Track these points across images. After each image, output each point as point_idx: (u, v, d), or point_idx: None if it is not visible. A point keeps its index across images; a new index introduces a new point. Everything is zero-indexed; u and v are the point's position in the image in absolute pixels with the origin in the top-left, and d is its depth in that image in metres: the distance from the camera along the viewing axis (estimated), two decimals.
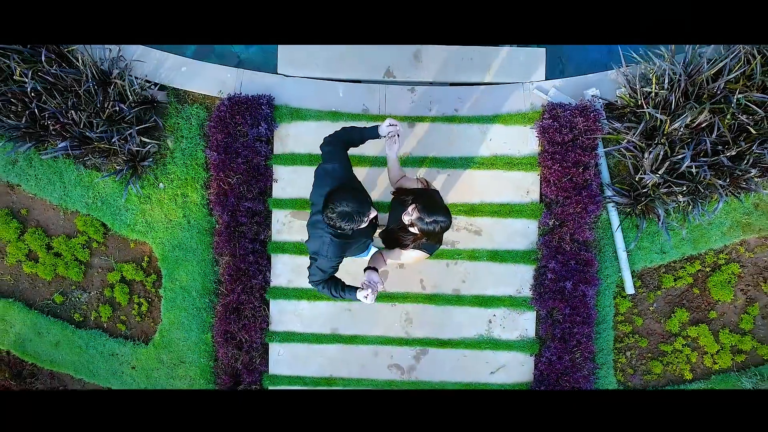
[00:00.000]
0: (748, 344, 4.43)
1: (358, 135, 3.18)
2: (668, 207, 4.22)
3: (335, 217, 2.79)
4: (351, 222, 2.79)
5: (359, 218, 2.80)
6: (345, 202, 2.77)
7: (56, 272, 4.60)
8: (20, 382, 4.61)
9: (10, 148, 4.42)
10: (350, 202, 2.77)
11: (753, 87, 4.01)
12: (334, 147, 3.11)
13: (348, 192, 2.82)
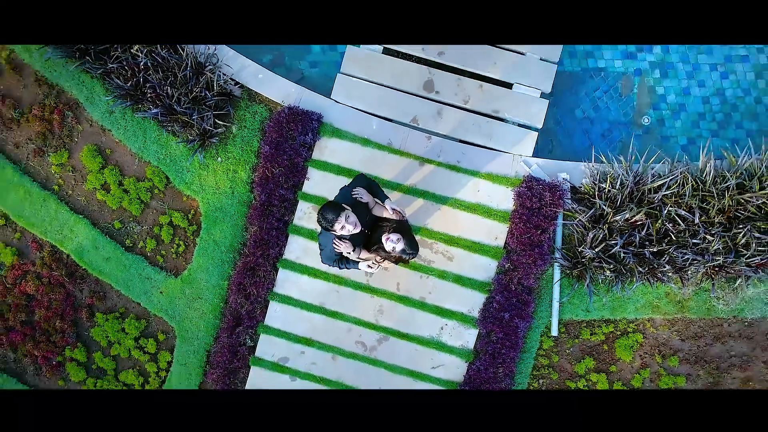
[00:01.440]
0: None
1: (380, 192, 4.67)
2: (597, 277, 5.44)
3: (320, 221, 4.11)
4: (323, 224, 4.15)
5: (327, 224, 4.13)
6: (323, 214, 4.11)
7: (121, 204, 5.83)
8: (71, 281, 5.84)
9: (112, 102, 5.66)
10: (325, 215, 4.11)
11: (682, 204, 5.23)
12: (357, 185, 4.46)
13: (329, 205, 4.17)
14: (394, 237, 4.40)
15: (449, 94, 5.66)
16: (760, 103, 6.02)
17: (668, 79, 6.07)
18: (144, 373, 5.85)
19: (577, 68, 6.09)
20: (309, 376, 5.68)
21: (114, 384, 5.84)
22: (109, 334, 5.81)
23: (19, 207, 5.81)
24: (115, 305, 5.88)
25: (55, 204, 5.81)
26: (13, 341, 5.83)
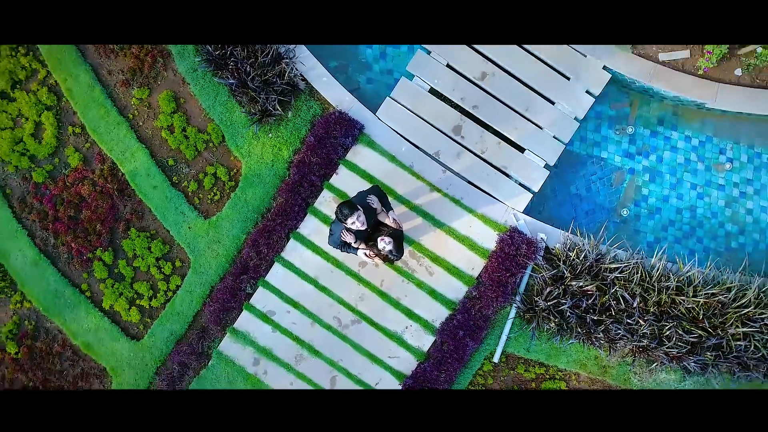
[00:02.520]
0: None
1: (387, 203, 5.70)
2: (544, 326, 6.49)
3: (336, 213, 5.16)
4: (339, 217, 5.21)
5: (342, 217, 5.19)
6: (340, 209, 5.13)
7: (179, 147, 6.89)
8: (119, 196, 6.90)
9: (198, 64, 6.73)
10: (338, 214, 5.15)
11: (628, 289, 6.28)
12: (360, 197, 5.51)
13: (347, 203, 5.18)
14: (387, 240, 5.47)
15: (471, 141, 6.72)
16: (722, 227, 7.08)
17: (654, 185, 7.13)
18: (155, 288, 6.91)
19: (582, 152, 7.15)
20: (287, 333, 6.74)
21: (128, 291, 6.89)
22: (136, 248, 6.87)
23: (96, 123, 6.88)
24: (148, 226, 6.94)
25: (126, 129, 6.88)
26: (57, 230, 6.89)
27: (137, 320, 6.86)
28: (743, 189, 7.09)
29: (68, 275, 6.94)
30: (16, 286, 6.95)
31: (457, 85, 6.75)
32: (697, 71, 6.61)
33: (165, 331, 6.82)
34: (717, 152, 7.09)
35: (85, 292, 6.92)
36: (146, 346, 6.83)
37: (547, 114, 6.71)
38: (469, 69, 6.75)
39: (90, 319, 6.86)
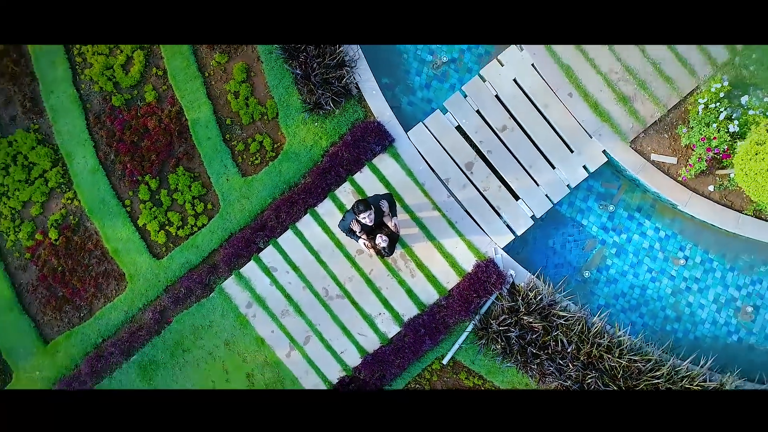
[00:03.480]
0: None
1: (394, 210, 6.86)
2: (491, 345, 7.68)
3: (353, 206, 6.38)
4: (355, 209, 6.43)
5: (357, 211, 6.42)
6: (357, 204, 6.34)
7: (238, 111, 8.09)
8: (178, 136, 8.09)
9: (274, 48, 7.94)
10: (353, 207, 6.36)
11: (567, 335, 7.47)
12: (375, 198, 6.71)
13: (362, 202, 6.38)
14: (384, 238, 6.68)
15: (478, 178, 7.93)
16: (663, 311, 8.27)
17: (618, 259, 8.32)
18: (184, 220, 8.11)
19: (567, 214, 8.35)
20: (281, 289, 7.94)
21: (162, 216, 8.09)
22: (179, 183, 8.08)
23: (176, 71, 8.09)
24: (194, 169, 8.15)
25: (200, 84, 8.09)
26: (119, 149, 8.11)
27: (162, 242, 8.07)
28: (690, 284, 8.27)
29: (116, 189, 8.15)
30: (72, 186, 8.16)
31: (480, 129, 7.95)
32: (677, 177, 7.81)
33: (182, 258, 8.03)
34: (677, 248, 8.28)
35: (126, 207, 8.13)
36: (163, 266, 8.04)
37: (546, 175, 7.91)
38: (494, 119, 7.95)
39: (124, 230, 8.07)
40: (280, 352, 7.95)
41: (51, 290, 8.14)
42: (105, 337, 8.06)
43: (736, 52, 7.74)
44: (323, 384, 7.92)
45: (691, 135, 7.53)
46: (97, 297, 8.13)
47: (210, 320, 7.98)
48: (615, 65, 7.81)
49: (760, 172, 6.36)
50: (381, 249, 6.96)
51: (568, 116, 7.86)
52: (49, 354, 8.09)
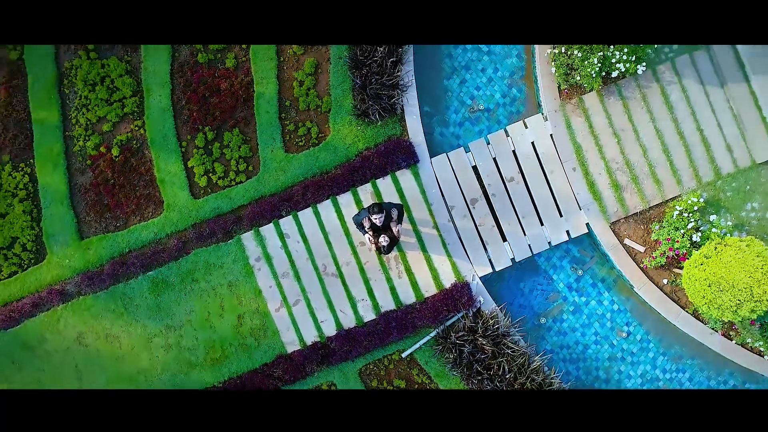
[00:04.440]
0: None
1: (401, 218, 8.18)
2: (445, 353, 8.99)
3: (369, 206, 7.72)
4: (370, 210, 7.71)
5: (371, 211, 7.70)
6: (373, 206, 7.67)
7: (298, 97, 9.40)
8: (243, 102, 9.41)
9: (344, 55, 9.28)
10: (369, 208, 7.69)
11: (510, 364, 8.78)
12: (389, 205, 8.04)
13: (377, 205, 7.71)
14: (386, 239, 8.00)
15: (477, 214, 9.27)
16: (597, 371, 9.58)
17: (573, 317, 9.64)
18: (226, 173, 9.41)
19: (542, 266, 9.67)
20: (288, 254, 9.28)
21: (209, 164, 9.40)
22: (231, 141, 9.41)
23: (258, 49, 9.39)
24: (247, 133, 9.48)
25: (273, 65, 9.42)
26: (191, 98, 9.44)
27: (203, 185, 9.41)
28: (625, 356, 9.59)
29: (178, 130, 9.49)
30: (143, 116, 9.51)
31: (491, 174, 9.28)
32: (640, 263, 9.13)
33: (215, 203, 9.36)
34: (624, 322, 9.59)
35: (182, 147, 9.46)
36: (197, 205, 9.37)
37: (534, 228, 9.24)
38: (506, 170, 9.28)
39: (175, 165, 9.41)
40: (272, 305, 9.29)
41: (98, 197, 9.48)
42: (132, 249, 9.40)
43: (720, 176, 9.06)
44: (298, 342, 9.26)
45: (661, 233, 8.86)
46: (135, 214, 9.47)
47: (222, 261, 9.32)
48: (618, 156, 9.13)
49: (700, 280, 7.67)
50: (381, 247, 8.29)
51: (566, 186, 9.19)
52: (82, 249, 9.43)
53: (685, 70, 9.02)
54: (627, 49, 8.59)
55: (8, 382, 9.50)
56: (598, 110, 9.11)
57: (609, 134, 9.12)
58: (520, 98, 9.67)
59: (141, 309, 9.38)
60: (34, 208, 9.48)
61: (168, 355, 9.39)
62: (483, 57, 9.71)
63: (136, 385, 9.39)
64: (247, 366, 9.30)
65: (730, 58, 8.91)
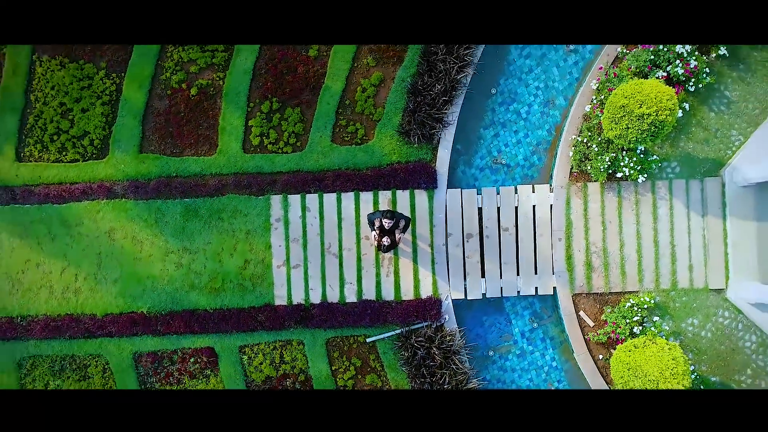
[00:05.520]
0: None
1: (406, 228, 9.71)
2: (403, 351, 10.50)
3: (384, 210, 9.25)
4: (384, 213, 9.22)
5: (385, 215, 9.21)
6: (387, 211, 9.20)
7: (357, 100, 10.91)
8: (311, 89, 10.94)
9: (409, 77, 10.80)
10: (384, 212, 9.22)
11: (452, 377, 10.29)
12: (401, 215, 9.56)
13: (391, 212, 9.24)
14: (388, 240, 9.50)
15: (468, 247, 10.77)
16: None
17: (516, 359, 11.13)
18: (276, 141, 10.93)
19: (506, 308, 11.15)
20: (304, 224, 10.80)
21: (265, 128, 10.92)
22: (290, 117, 10.92)
23: (339, 49, 10.91)
24: (306, 114, 10.98)
25: (347, 67, 10.90)
26: (270, 70, 10.94)
27: (254, 144, 10.93)
28: None
29: (251, 92, 10.99)
30: (226, 70, 11.02)
31: (491, 219, 10.79)
32: (586, 335, 10.63)
33: (259, 162, 10.88)
34: (557, 378, 11.09)
35: (248, 107, 10.97)
36: (244, 159, 10.89)
37: (510, 275, 10.75)
38: (504, 220, 10.79)
39: (238, 120, 10.93)
40: (275, 261, 10.82)
41: (166, 124, 11.01)
42: (178, 175, 10.93)
43: (675, 288, 10.54)
44: (286, 299, 10.77)
45: (610, 316, 10.36)
46: (191, 148, 11.00)
47: (248, 211, 10.84)
48: (599, 242, 10.63)
49: (623, 363, 9.16)
50: (381, 245, 9.78)
51: (549, 251, 10.70)
52: (138, 160, 10.96)
53: (678, 192, 10.52)
54: (636, 158, 10.10)
55: (38, 248, 11.03)
56: (596, 199, 10.61)
57: (598, 221, 10.62)
58: (538, 166, 11.17)
59: (168, 226, 10.91)
60: (111, 113, 11.02)
61: (177, 271, 10.91)
62: (520, 121, 11.22)
63: (142, 288, 10.91)
64: (238, 303, 10.82)
65: (717, 195, 10.41)
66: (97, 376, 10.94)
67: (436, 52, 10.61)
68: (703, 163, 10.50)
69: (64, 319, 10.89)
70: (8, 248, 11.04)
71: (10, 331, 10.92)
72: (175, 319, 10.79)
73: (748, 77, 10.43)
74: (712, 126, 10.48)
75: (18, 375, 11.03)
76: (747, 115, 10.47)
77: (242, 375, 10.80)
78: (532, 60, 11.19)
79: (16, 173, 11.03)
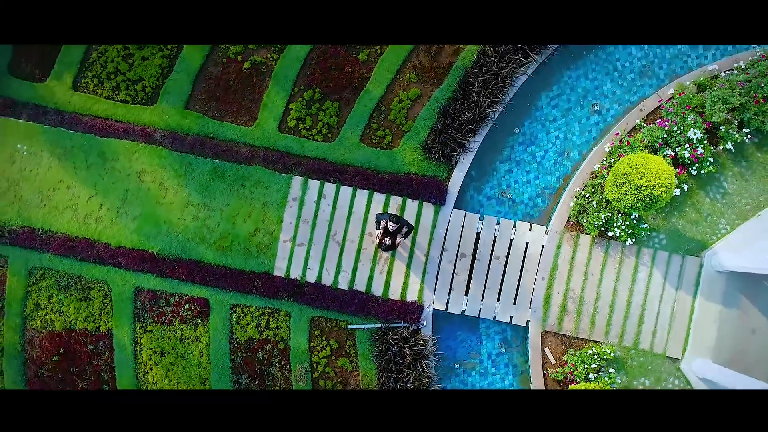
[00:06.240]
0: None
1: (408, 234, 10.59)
2: (378, 345, 11.38)
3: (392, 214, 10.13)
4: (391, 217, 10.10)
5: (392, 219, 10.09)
6: (395, 216, 10.09)
7: (392, 108, 11.80)
8: (353, 89, 11.84)
9: (442, 100, 11.69)
10: (391, 215, 10.09)
11: (416, 378, 11.17)
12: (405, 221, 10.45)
13: (397, 217, 10.13)
14: (389, 241, 10.39)
15: (459, 266, 11.66)
16: None
17: (479, 377, 12.01)
18: (310, 128, 11.83)
19: (480, 329, 12.03)
20: (317, 209, 11.68)
21: (302, 114, 11.82)
22: (328, 109, 11.81)
23: (389, 57, 11.81)
24: (342, 110, 11.86)
25: (390, 77, 11.81)
26: (320, 64, 11.84)
27: (290, 126, 11.83)
28: None
29: (298, 78, 11.88)
30: (281, 53, 11.92)
31: (486, 245, 11.68)
32: (546, 370, 11.51)
33: (290, 143, 11.78)
34: None
35: (293, 90, 11.86)
36: (277, 137, 11.78)
37: (490, 300, 11.63)
38: (498, 249, 11.66)
39: (281, 100, 11.82)
40: (283, 236, 11.71)
41: (215, 88, 11.91)
42: (215, 137, 11.83)
43: (636, 348, 11.42)
44: (284, 272, 11.66)
45: (571, 359, 11.24)
46: (232, 115, 11.90)
47: (269, 184, 11.74)
48: (578, 289, 11.51)
49: None
50: (382, 244, 10.66)
51: (531, 287, 11.58)
52: (181, 115, 11.87)
53: (659, 262, 11.40)
54: (628, 222, 10.98)
55: (73, 172, 11.92)
56: (584, 250, 11.49)
57: (581, 271, 11.51)
58: (540, 207, 12.06)
59: (194, 181, 11.81)
60: (168, 67, 11.92)
61: (192, 223, 11.81)
62: (534, 163, 12.10)
63: (158, 230, 11.81)
64: (240, 265, 11.72)
65: (693, 274, 11.28)
66: (98, 300, 11.84)
67: (473, 83, 11.50)
68: (689, 241, 11.38)
69: (80, 241, 11.79)
70: (46, 165, 11.94)
71: (29, 241, 11.82)
72: (181, 265, 11.68)
73: (748, 174, 11.31)
74: (704, 210, 11.35)
75: (27, 282, 11.93)
76: (738, 208, 11.35)
77: (228, 331, 11.70)
78: (558, 111, 12.07)
79: (69, 100, 11.93)
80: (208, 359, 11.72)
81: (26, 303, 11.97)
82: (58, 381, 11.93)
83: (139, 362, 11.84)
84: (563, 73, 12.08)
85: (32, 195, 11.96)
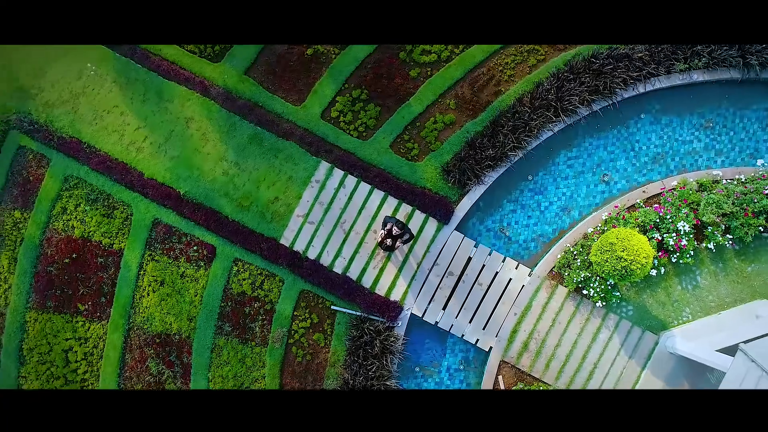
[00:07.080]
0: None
1: (408, 241, 11.65)
2: (353, 330, 12.47)
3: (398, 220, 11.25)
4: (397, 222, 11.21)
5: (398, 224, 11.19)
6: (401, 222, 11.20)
7: (425, 126, 12.91)
8: (396, 99, 12.95)
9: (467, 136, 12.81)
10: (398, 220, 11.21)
11: (380, 368, 12.27)
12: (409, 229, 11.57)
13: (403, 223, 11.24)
14: (389, 242, 11.51)
15: (445, 282, 12.76)
16: None
17: (434, 386, 13.11)
18: (350, 123, 12.94)
19: (447, 342, 13.12)
20: (335, 196, 12.78)
21: (346, 108, 12.93)
22: (369, 111, 12.91)
23: (433, 83, 12.92)
24: (382, 116, 12.96)
25: (432, 100, 12.91)
26: (373, 69, 12.96)
27: (332, 116, 12.93)
28: None
29: (351, 76, 12.98)
30: (340, 50, 13.02)
31: (473, 270, 12.76)
32: None
33: (327, 131, 12.88)
34: None
35: (344, 85, 12.96)
36: (318, 122, 12.88)
37: (463, 319, 12.72)
38: (483, 276, 12.76)
39: (330, 91, 12.93)
40: (298, 211, 12.82)
41: (276, 64, 13.04)
42: (263, 107, 12.94)
43: None
44: (290, 243, 12.77)
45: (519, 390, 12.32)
46: (283, 91, 13.02)
47: (298, 162, 12.85)
48: (543, 332, 12.60)
49: None
50: (383, 243, 11.77)
51: (503, 317, 12.68)
52: (240, 78, 13.00)
53: (621, 330, 12.48)
54: (603, 287, 12.08)
55: (129, 102, 13.04)
56: (559, 300, 12.59)
57: (550, 317, 12.60)
58: (531, 251, 13.15)
59: (234, 140, 12.93)
60: None
61: (221, 177, 12.93)
62: (537, 211, 13.17)
63: (189, 174, 12.93)
64: (253, 225, 12.83)
65: (647, 349, 12.37)
66: (119, 219, 12.96)
67: (503, 125, 12.60)
68: (652, 319, 12.46)
69: (118, 164, 12.92)
70: (107, 89, 13.07)
71: (74, 151, 12.95)
72: (201, 211, 12.80)
73: (721, 276, 12.39)
74: (674, 295, 12.45)
75: (61, 186, 13.06)
76: (704, 303, 12.43)
77: (225, 280, 12.81)
78: (572, 171, 13.17)
79: None
80: (200, 300, 12.83)
81: (55, 205, 13.10)
82: (62, 281, 13.05)
83: (139, 285, 12.95)
84: (585, 139, 13.17)
85: (88, 111, 13.09)
